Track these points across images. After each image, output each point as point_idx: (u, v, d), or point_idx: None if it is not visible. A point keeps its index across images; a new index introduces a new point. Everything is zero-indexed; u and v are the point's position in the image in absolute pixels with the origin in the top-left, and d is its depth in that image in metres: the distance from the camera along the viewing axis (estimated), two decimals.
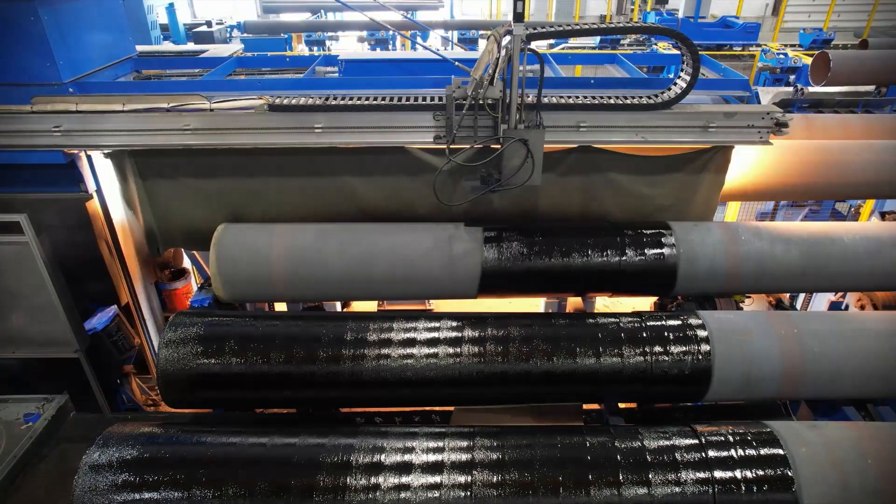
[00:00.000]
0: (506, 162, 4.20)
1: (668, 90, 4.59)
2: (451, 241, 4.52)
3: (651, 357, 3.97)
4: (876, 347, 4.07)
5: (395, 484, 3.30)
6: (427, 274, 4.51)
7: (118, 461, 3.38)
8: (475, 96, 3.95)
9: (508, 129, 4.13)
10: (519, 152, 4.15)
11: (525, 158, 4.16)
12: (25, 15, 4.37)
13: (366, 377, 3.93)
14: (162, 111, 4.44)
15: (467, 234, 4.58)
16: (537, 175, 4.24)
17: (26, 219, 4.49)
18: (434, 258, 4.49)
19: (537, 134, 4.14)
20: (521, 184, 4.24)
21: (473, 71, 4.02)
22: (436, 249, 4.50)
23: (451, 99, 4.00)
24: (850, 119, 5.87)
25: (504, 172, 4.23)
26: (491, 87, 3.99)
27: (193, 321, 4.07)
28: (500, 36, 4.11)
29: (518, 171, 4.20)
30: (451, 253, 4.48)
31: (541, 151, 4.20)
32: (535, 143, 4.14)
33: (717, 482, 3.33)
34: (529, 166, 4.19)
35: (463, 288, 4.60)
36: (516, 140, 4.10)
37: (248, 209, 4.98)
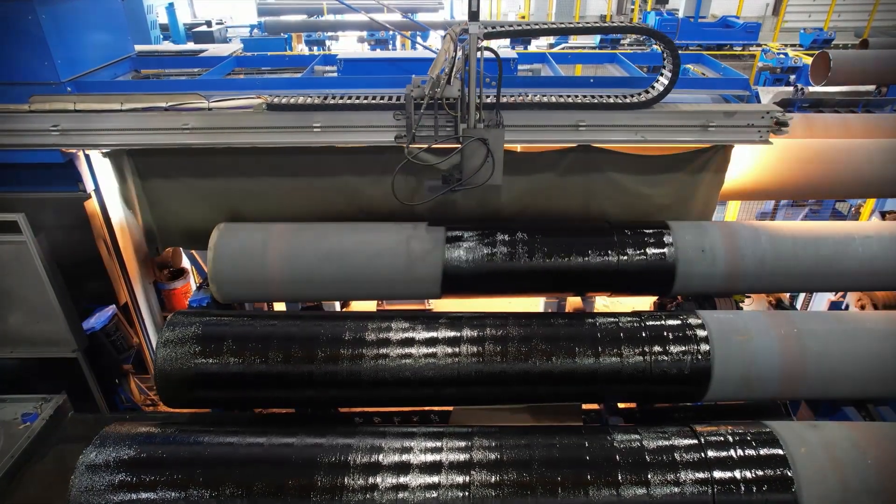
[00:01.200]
0: (466, 161, 4.19)
1: (649, 90, 4.57)
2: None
3: (650, 357, 3.96)
4: (876, 347, 4.06)
5: (392, 484, 3.29)
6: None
7: (115, 461, 3.37)
8: (433, 95, 3.93)
9: (468, 128, 4.12)
10: (479, 152, 4.14)
11: (485, 158, 4.15)
12: (23, 14, 4.36)
13: (364, 377, 3.92)
14: (160, 110, 4.43)
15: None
16: (498, 174, 4.23)
17: (24, 218, 4.47)
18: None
19: (497, 133, 4.13)
20: (482, 183, 4.22)
21: (431, 70, 4.01)
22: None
23: (410, 98, 3.99)
24: (851, 119, 5.86)
25: (465, 172, 4.22)
26: (449, 87, 3.98)
27: (191, 321, 4.06)
28: (455, 35, 4.10)
29: (479, 170, 4.18)
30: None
31: (501, 151, 4.19)
32: (495, 143, 4.13)
33: (716, 482, 3.32)
34: (490, 165, 4.18)
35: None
36: (475, 139, 4.10)
37: (247, 208, 4.97)
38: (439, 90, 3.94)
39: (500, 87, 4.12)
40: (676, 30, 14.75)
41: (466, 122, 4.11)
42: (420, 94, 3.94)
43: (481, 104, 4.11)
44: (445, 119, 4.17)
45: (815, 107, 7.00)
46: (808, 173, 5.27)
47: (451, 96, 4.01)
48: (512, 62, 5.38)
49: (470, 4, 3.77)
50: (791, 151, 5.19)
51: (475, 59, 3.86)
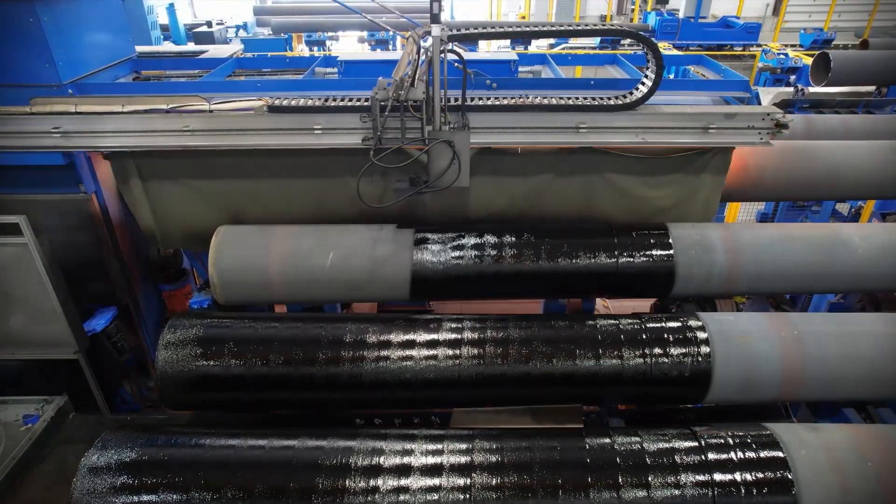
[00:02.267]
0: (432, 163, 4.19)
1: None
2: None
3: (651, 359, 3.97)
4: (876, 349, 4.06)
5: (394, 486, 3.30)
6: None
7: (117, 463, 3.37)
8: (397, 98, 3.94)
9: (433, 130, 4.12)
10: (445, 154, 4.14)
11: (452, 160, 4.15)
12: (24, 16, 4.37)
13: (365, 379, 3.92)
14: (161, 112, 4.43)
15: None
16: (464, 176, 4.22)
17: (25, 220, 4.49)
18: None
19: (462, 135, 4.13)
20: (449, 185, 4.22)
21: (394, 72, 4.01)
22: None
23: (376, 100, 3.99)
24: (851, 119, 5.87)
25: (431, 174, 4.22)
26: (413, 89, 3.98)
27: (192, 323, 4.07)
28: (418, 37, 4.10)
29: (445, 172, 4.18)
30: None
31: (467, 153, 4.19)
32: (461, 145, 4.13)
33: (716, 485, 3.33)
34: (457, 167, 4.18)
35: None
36: (441, 141, 4.10)
37: (248, 210, 4.98)
38: (403, 92, 3.94)
39: (466, 90, 4.13)
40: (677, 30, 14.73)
41: (432, 124, 4.12)
42: (385, 96, 3.95)
43: (446, 106, 4.12)
44: (412, 121, 4.17)
45: (816, 107, 7.01)
46: (809, 174, 5.27)
47: (416, 98, 4.01)
48: (512, 64, 5.39)
49: (431, 7, 3.77)
50: (791, 153, 5.20)
51: (438, 61, 3.86)
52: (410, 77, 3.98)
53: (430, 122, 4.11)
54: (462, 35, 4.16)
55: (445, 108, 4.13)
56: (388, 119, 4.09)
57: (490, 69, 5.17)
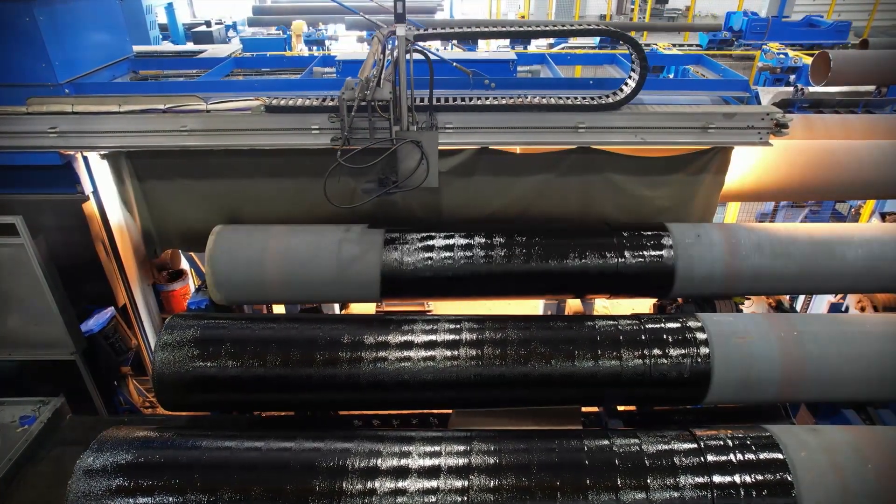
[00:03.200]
0: (400, 164, 4.19)
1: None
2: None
3: (650, 360, 3.95)
4: (876, 350, 4.04)
5: (391, 489, 3.28)
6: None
7: (112, 466, 3.35)
8: (363, 98, 3.93)
9: (401, 130, 4.11)
10: (413, 154, 4.14)
11: (420, 160, 4.14)
12: (21, 15, 4.35)
13: (363, 380, 3.91)
14: (158, 112, 4.42)
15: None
16: (433, 177, 4.23)
17: (22, 221, 4.46)
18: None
19: (430, 135, 4.13)
20: (418, 185, 4.22)
21: (360, 72, 4.00)
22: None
23: (343, 100, 3.98)
24: (851, 119, 5.85)
25: (400, 174, 4.22)
26: (379, 89, 3.97)
27: (190, 323, 4.05)
28: (383, 37, 4.08)
29: (414, 172, 4.18)
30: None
31: (435, 153, 4.19)
32: (429, 145, 4.13)
33: (716, 487, 3.31)
34: (425, 168, 4.17)
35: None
36: (408, 141, 4.09)
37: (245, 210, 4.96)
38: (369, 93, 3.93)
39: (433, 89, 4.13)
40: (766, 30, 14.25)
41: (399, 124, 4.11)
42: (351, 96, 3.94)
43: (413, 106, 4.11)
44: (381, 122, 4.16)
45: (815, 107, 6.98)
46: (808, 174, 5.26)
47: (383, 98, 4.00)
48: (511, 64, 5.37)
49: (395, 7, 3.75)
50: (791, 152, 5.18)
51: (404, 61, 3.85)
52: (376, 77, 3.96)
53: (398, 123, 4.10)
54: (428, 35, 4.15)
55: (413, 108, 4.11)
56: (358, 119, 4.09)
57: (489, 69, 5.15)
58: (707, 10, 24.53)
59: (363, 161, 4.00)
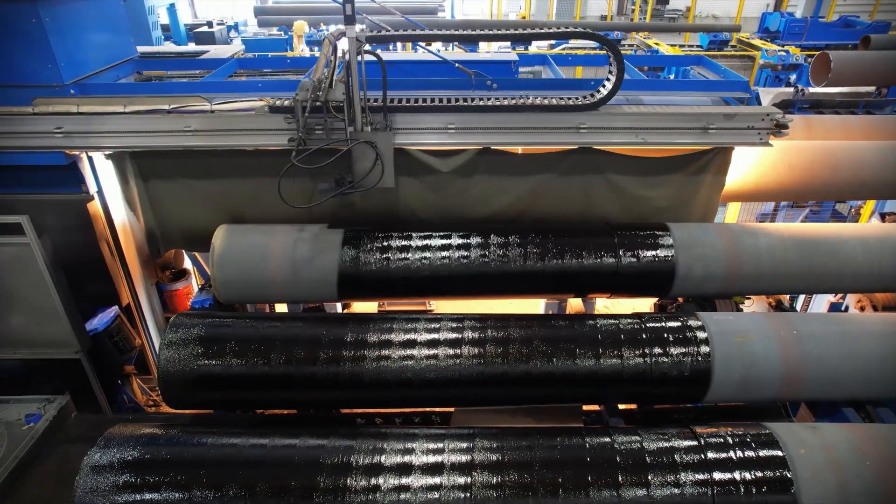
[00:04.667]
0: (355, 164, 4.24)
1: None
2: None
3: (651, 358, 3.98)
4: (876, 349, 4.07)
5: (395, 485, 3.31)
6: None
7: (119, 462, 3.39)
8: (315, 99, 3.96)
9: (355, 131, 4.15)
10: (368, 154, 4.18)
11: (375, 160, 4.18)
12: (27, 16, 4.38)
13: (366, 378, 3.94)
14: (163, 113, 4.45)
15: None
16: (388, 177, 4.28)
17: (28, 220, 4.50)
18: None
19: (385, 136, 4.18)
20: (373, 186, 4.27)
21: (313, 73, 4.03)
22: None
23: (297, 101, 4.01)
24: (851, 120, 5.87)
25: (355, 174, 4.27)
26: (332, 90, 4.01)
27: (194, 322, 4.08)
28: (333, 38, 4.11)
29: (370, 172, 4.23)
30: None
31: (390, 153, 4.24)
32: (384, 146, 4.18)
33: (716, 484, 3.34)
34: (380, 168, 4.22)
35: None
36: (361, 142, 4.14)
37: (249, 210, 4.99)
38: (321, 94, 3.97)
39: (386, 90, 4.16)
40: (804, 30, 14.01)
41: (353, 125, 4.15)
42: (305, 97, 3.97)
43: (366, 107, 4.14)
44: (338, 122, 4.19)
45: (816, 108, 7.01)
46: (809, 175, 5.29)
47: (337, 99, 4.04)
48: (512, 64, 5.40)
49: (345, 9, 3.79)
50: (791, 153, 5.21)
51: (356, 63, 3.89)
52: (328, 78, 4.00)
53: (353, 124, 4.14)
54: (379, 37, 4.19)
55: (367, 108, 4.15)
56: (316, 120, 4.13)
57: (490, 70, 5.18)
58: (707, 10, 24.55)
59: (320, 162, 4.05)
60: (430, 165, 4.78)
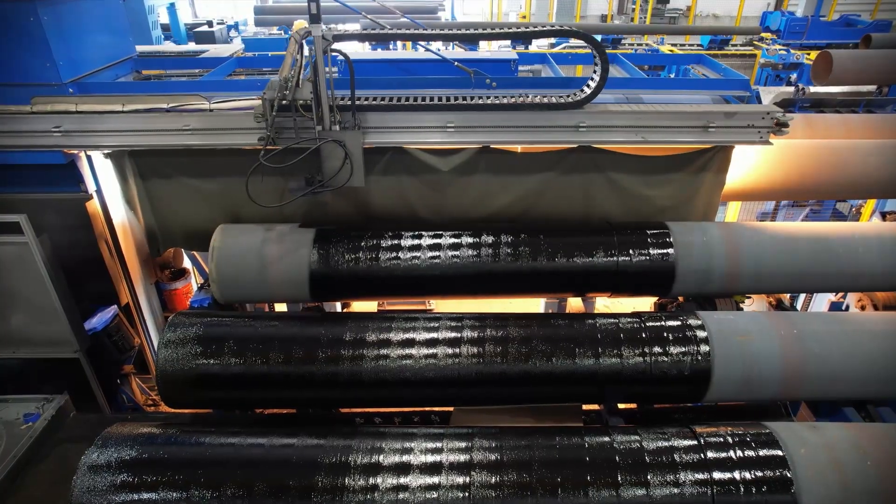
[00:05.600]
0: (324, 163, 4.24)
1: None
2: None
3: (650, 357, 3.97)
4: (876, 348, 4.06)
5: (393, 485, 3.30)
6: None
7: (117, 462, 3.38)
8: (283, 97, 3.95)
9: (323, 130, 4.15)
10: (337, 153, 4.18)
11: (344, 159, 4.19)
12: (25, 15, 4.37)
13: (365, 377, 3.93)
14: (162, 111, 4.45)
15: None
16: (357, 176, 4.28)
17: (26, 219, 4.49)
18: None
19: (353, 135, 4.18)
20: (343, 185, 4.27)
21: (280, 72, 4.02)
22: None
23: (265, 100, 4.01)
24: (852, 119, 5.86)
25: (325, 173, 4.27)
26: (299, 89, 4.00)
27: (193, 321, 4.08)
28: (300, 37, 4.11)
29: (339, 171, 4.23)
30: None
31: (359, 153, 4.24)
32: (353, 145, 4.18)
33: (715, 483, 3.33)
34: (349, 167, 4.22)
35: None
36: (329, 141, 4.13)
37: (248, 210, 4.98)
38: (288, 93, 3.96)
39: (354, 89, 4.16)
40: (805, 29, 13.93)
41: (322, 124, 4.14)
42: (273, 96, 3.97)
43: (335, 106, 4.14)
44: (308, 122, 4.18)
45: (816, 107, 6.99)
46: (809, 174, 5.27)
47: (304, 98, 4.03)
48: (512, 63, 5.39)
49: (310, 8, 3.78)
50: (792, 152, 5.19)
51: (322, 61, 3.88)
52: (295, 77, 4.00)
53: (321, 122, 4.14)
54: (345, 35, 4.19)
55: (335, 107, 4.14)
56: (286, 120, 4.12)
57: (490, 68, 5.17)
58: (708, 10, 24.53)
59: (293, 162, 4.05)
60: (430, 164, 4.77)
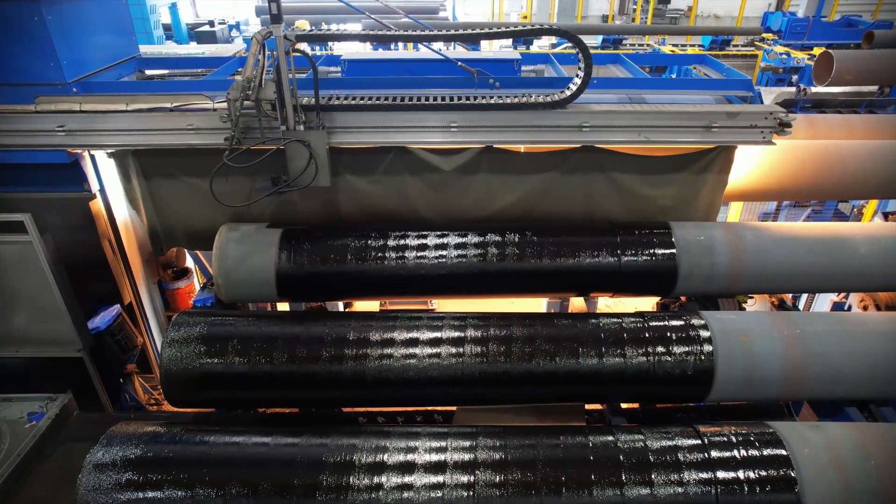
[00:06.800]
0: (289, 163, 4.26)
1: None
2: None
3: (654, 357, 3.97)
4: (878, 348, 4.06)
5: (398, 483, 3.31)
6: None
7: (122, 460, 3.39)
8: (246, 97, 3.97)
9: (287, 130, 4.17)
10: (302, 153, 4.21)
11: (309, 159, 4.21)
12: (29, 15, 4.38)
13: (368, 377, 3.94)
14: (165, 111, 4.45)
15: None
16: (322, 176, 4.30)
17: (30, 218, 4.50)
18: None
19: (318, 135, 4.19)
20: (308, 184, 4.29)
21: (242, 72, 4.03)
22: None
23: (230, 101, 4.02)
24: (853, 119, 5.86)
25: (290, 173, 4.28)
26: (263, 89, 4.01)
27: (196, 321, 4.08)
28: (261, 37, 4.12)
29: (304, 171, 4.25)
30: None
31: (324, 152, 4.26)
32: (317, 145, 4.20)
33: (719, 482, 3.33)
34: (314, 167, 4.24)
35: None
36: (293, 141, 4.15)
37: (251, 209, 4.98)
38: (251, 93, 3.97)
39: (318, 89, 4.17)
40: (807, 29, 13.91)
41: (286, 124, 4.15)
42: (236, 96, 3.98)
43: (298, 106, 4.15)
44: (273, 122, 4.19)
45: (818, 107, 7.00)
46: (811, 174, 5.28)
47: (268, 98, 4.04)
48: (515, 63, 5.40)
49: (270, 8, 3.78)
50: (794, 152, 5.20)
51: (284, 61, 3.89)
52: (257, 77, 4.02)
53: (285, 122, 4.15)
54: (308, 36, 4.19)
55: (299, 107, 4.15)
56: (253, 120, 4.14)
57: (493, 68, 5.18)
58: (709, 10, 24.55)
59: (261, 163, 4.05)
60: (433, 164, 4.77)
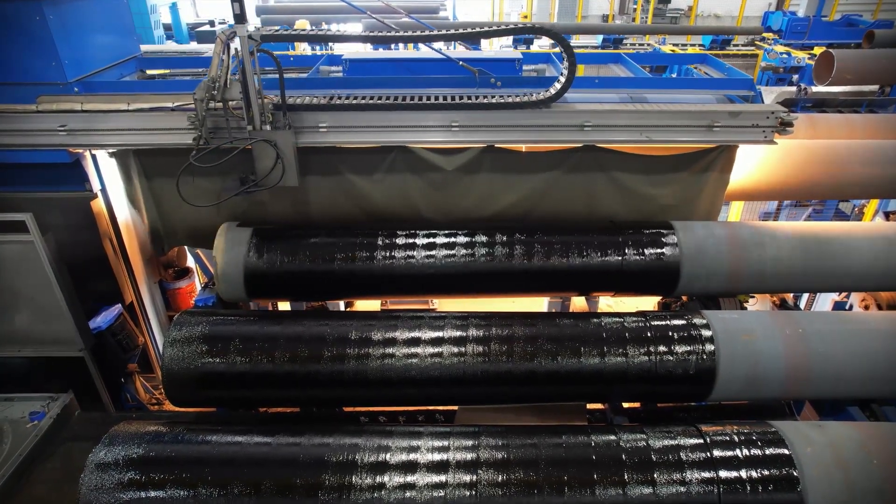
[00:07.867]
0: (257, 163, 4.27)
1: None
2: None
3: (655, 357, 3.97)
4: (880, 347, 4.06)
5: (400, 483, 3.31)
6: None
7: (124, 460, 3.39)
8: (211, 97, 3.97)
9: (254, 130, 4.17)
10: (268, 153, 4.21)
11: (276, 159, 4.22)
12: (31, 15, 4.38)
13: (370, 376, 3.93)
14: (167, 111, 4.45)
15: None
16: (290, 175, 4.32)
17: (31, 218, 4.50)
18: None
19: (285, 135, 4.21)
20: (275, 184, 4.31)
21: (208, 72, 4.04)
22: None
23: (196, 100, 4.03)
24: (854, 118, 5.87)
25: (258, 173, 4.30)
26: (228, 89, 4.02)
27: (198, 320, 4.08)
28: (226, 38, 4.13)
29: (271, 171, 4.26)
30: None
31: (291, 153, 4.27)
32: (284, 145, 4.22)
33: (722, 482, 3.33)
34: (281, 167, 4.25)
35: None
36: (259, 140, 4.16)
37: (252, 209, 4.98)
38: (217, 93, 3.98)
39: (284, 89, 4.18)
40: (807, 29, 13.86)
41: (252, 123, 4.16)
42: (202, 96, 3.98)
43: (264, 106, 4.16)
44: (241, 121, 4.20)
45: (819, 107, 7.00)
46: (812, 173, 5.28)
47: (233, 98, 4.05)
48: (517, 62, 5.39)
49: (233, 8, 3.79)
50: (795, 152, 5.20)
51: (249, 61, 3.90)
52: (222, 77, 4.02)
53: (252, 122, 4.16)
54: (273, 36, 4.21)
55: (265, 107, 4.16)
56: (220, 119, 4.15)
57: (495, 67, 5.17)
58: (709, 10, 24.52)
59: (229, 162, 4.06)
60: (434, 163, 4.77)
